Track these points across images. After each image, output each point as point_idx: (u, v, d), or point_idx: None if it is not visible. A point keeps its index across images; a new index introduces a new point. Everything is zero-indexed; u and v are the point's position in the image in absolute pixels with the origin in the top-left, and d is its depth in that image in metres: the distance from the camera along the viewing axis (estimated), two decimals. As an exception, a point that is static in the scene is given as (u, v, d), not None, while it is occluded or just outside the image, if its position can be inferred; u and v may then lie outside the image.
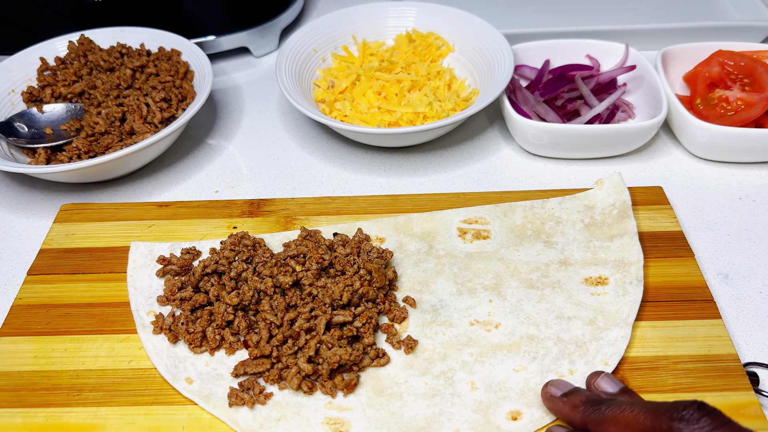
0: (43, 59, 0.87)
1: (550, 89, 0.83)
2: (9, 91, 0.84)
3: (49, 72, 0.86)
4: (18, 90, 0.85)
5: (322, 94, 0.87)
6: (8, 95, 0.84)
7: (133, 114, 0.78)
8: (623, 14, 1.05)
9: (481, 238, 0.68)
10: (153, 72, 0.84)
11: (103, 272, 0.66)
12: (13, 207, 0.78)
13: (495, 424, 0.53)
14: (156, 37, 0.90)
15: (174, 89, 0.82)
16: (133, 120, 0.78)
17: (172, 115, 0.80)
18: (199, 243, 0.68)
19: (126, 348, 0.60)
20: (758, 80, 0.80)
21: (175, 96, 0.81)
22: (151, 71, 0.84)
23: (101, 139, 0.77)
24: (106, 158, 0.71)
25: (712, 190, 0.77)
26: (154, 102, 0.80)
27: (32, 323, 0.62)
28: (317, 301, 0.59)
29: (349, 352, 0.55)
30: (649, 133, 0.78)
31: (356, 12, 0.94)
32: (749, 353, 0.60)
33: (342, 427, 0.53)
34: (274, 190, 0.79)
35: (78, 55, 0.86)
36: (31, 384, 0.57)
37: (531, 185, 0.79)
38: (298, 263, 0.62)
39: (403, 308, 0.61)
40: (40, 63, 0.87)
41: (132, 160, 0.76)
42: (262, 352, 0.56)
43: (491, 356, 0.57)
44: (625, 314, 0.60)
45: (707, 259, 0.69)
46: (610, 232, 0.67)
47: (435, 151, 0.84)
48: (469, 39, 0.90)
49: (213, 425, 0.54)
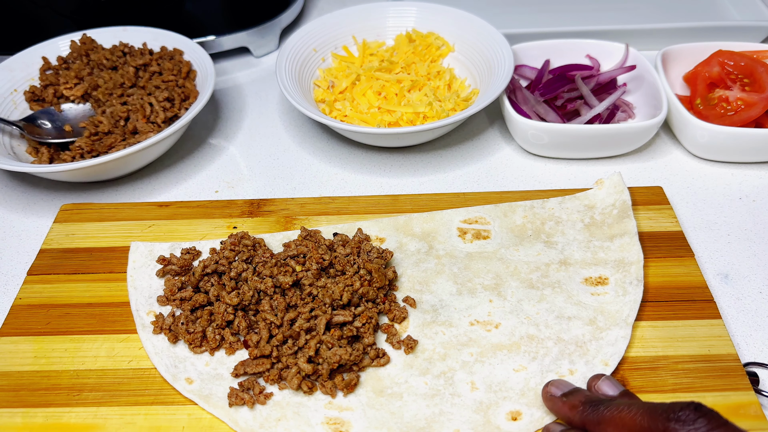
0: (45, 59, 0.87)
1: (550, 89, 0.83)
2: (11, 91, 0.84)
3: (51, 71, 0.86)
4: (20, 89, 0.85)
5: (322, 94, 0.87)
6: (11, 94, 0.84)
7: (137, 113, 0.78)
8: (623, 14, 1.05)
9: (481, 238, 0.68)
10: (156, 71, 0.84)
11: (103, 272, 0.66)
12: (13, 207, 0.78)
13: (495, 424, 0.53)
14: (158, 36, 0.90)
15: (177, 89, 0.82)
16: (137, 119, 0.78)
17: (175, 115, 0.80)
18: (199, 243, 0.68)
19: (126, 348, 0.60)
20: (758, 80, 0.80)
21: (178, 95, 0.81)
22: (155, 70, 0.84)
23: (104, 139, 0.77)
24: (109, 157, 0.71)
25: (712, 190, 0.77)
26: (158, 101, 0.80)
27: (32, 323, 0.62)
28: (317, 301, 0.59)
29: (349, 352, 0.55)
30: (649, 133, 0.78)
31: (356, 12, 0.94)
32: (749, 353, 0.60)
33: (342, 427, 0.53)
34: (274, 190, 0.79)
35: (80, 55, 0.87)
36: (31, 384, 0.57)
37: (531, 185, 0.79)
38: (298, 263, 0.62)
39: (403, 308, 0.61)
40: (42, 62, 0.87)
41: (135, 159, 0.76)
42: (262, 352, 0.56)
43: (491, 356, 0.57)
44: (625, 314, 0.60)
45: (707, 259, 0.69)
46: (610, 232, 0.67)
47: (435, 151, 0.84)
48: (469, 39, 0.90)
49: (213, 425, 0.54)
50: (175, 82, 0.83)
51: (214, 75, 0.82)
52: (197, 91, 0.83)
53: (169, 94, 0.81)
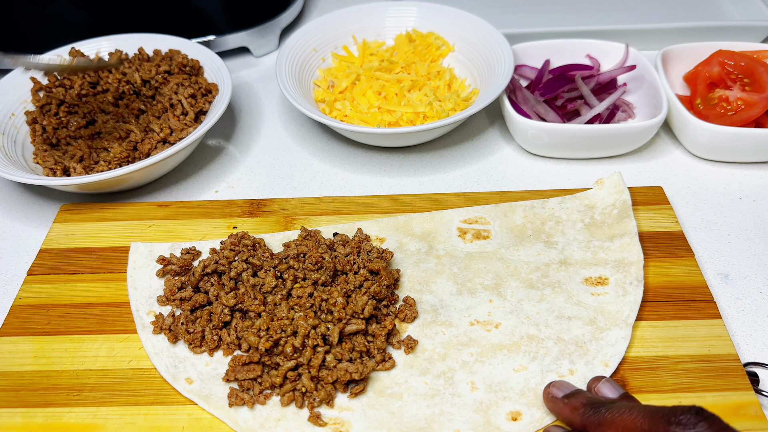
0: (34, 79, 0.83)
1: (550, 89, 0.83)
2: (9, 115, 0.81)
3: (43, 92, 0.83)
4: (18, 112, 0.82)
5: (322, 94, 0.87)
6: (10, 119, 0.81)
7: (167, 113, 0.78)
8: (623, 14, 1.05)
9: (481, 238, 0.68)
10: (166, 69, 0.84)
11: (103, 272, 0.66)
12: (13, 206, 0.78)
13: (495, 424, 0.53)
14: (148, 41, 0.89)
15: (194, 85, 0.82)
16: (167, 118, 0.78)
17: (200, 110, 0.81)
18: (199, 243, 0.68)
19: (126, 348, 0.60)
20: (758, 80, 0.80)
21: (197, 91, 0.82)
22: (165, 68, 0.84)
23: (139, 146, 0.76)
24: (160, 156, 0.70)
25: (712, 190, 0.77)
26: (185, 98, 0.80)
27: (32, 323, 0.62)
28: (324, 306, 0.59)
29: (360, 370, 0.54)
30: (649, 133, 0.78)
31: (356, 12, 0.94)
32: (749, 353, 0.60)
33: (342, 427, 0.53)
34: (274, 190, 0.79)
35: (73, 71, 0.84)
36: (31, 384, 0.57)
37: (531, 185, 0.79)
38: (298, 262, 0.62)
39: (414, 309, 0.61)
40: (32, 83, 0.83)
41: (174, 159, 0.75)
42: (251, 358, 0.56)
43: (491, 356, 0.57)
44: (626, 314, 0.60)
45: (707, 259, 0.69)
46: (611, 232, 0.67)
47: (435, 151, 0.84)
48: (469, 39, 0.90)
49: (213, 425, 0.54)
50: (189, 79, 0.83)
51: (225, 66, 0.82)
52: (214, 83, 0.83)
53: (193, 91, 0.81)
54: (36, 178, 0.70)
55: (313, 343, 0.55)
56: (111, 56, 0.86)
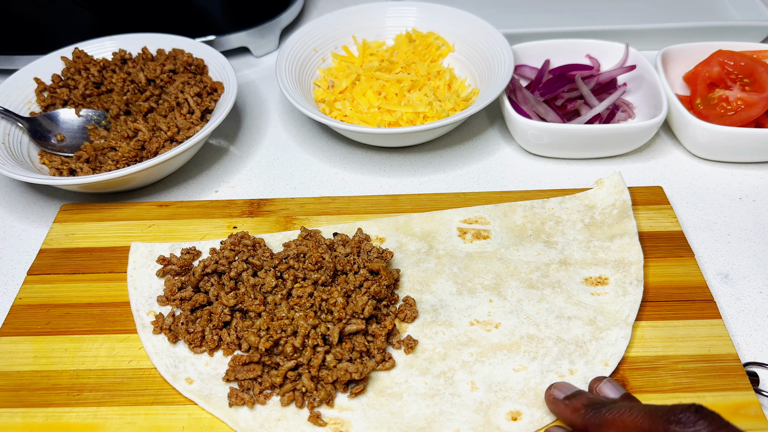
0: (37, 80, 0.84)
1: (550, 89, 0.83)
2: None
3: (47, 92, 0.84)
4: (23, 113, 0.81)
5: (322, 94, 0.87)
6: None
7: (173, 112, 0.78)
8: (623, 14, 1.05)
9: (481, 238, 0.68)
10: (171, 68, 0.84)
11: (103, 272, 0.66)
12: (13, 207, 0.78)
13: (495, 424, 0.53)
14: (150, 41, 0.89)
15: (200, 83, 0.82)
16: (174, 117, 0.78)
17: (206, 108, 0.81)
18: (199, 243, 0.68)
19: (126, 348, 0.60)
20: (758, 80, 0.80)
21: (202, 90, 0.82)
22: (170, 67, 0.84)
23: (147, 145, 0.76)
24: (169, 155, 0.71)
25: (712, 190, 0.77)
26: (191, 97, 0.80)
27: (32, 323, 0.62)
28: (324, 306, 0.59)
29: (360, 370, 0.54)
30: (649, 133, 0.78)
31: (356, 12, 0.94)
32: (749, 353, 0.60)
33: (342, 427, 0.53)
34: (274, 190, 0.79)
35: (77, 70, 0.84)
36: (31, 384, 0.57)
37: (531, 185, 0.79)
38: (298, 261, 0.62)
39: (414, 309, 0.61)
40: (36, 84, 0.83)
41: (181, 158, 0.75)
42: (251, 358, 0.56)
43: (491, 356, 0.57)
44: (625, 314, 0.60)
45: (707, 259, 0.69)
46: (610, 232, 0.67)
47: (435, 151, 0.84)
48: (469, 39, 0.90)
49: (213, 425, 0.54)
50: (194, 78, 0.83)
51: (229, 64, 0.82)
52: (220, 82, 0.83)
53: (198, 89, 0.81)
54: (43, 178, 0.70)
55: (313, 343, 0.56)
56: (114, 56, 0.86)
